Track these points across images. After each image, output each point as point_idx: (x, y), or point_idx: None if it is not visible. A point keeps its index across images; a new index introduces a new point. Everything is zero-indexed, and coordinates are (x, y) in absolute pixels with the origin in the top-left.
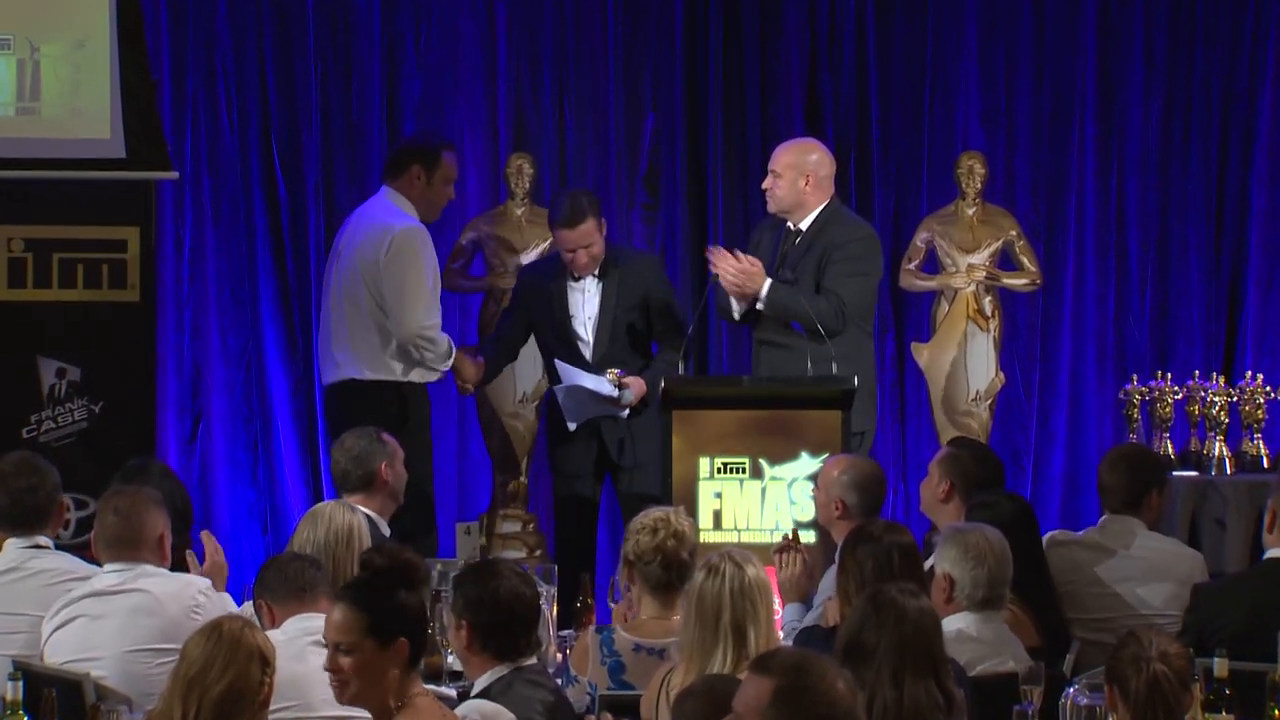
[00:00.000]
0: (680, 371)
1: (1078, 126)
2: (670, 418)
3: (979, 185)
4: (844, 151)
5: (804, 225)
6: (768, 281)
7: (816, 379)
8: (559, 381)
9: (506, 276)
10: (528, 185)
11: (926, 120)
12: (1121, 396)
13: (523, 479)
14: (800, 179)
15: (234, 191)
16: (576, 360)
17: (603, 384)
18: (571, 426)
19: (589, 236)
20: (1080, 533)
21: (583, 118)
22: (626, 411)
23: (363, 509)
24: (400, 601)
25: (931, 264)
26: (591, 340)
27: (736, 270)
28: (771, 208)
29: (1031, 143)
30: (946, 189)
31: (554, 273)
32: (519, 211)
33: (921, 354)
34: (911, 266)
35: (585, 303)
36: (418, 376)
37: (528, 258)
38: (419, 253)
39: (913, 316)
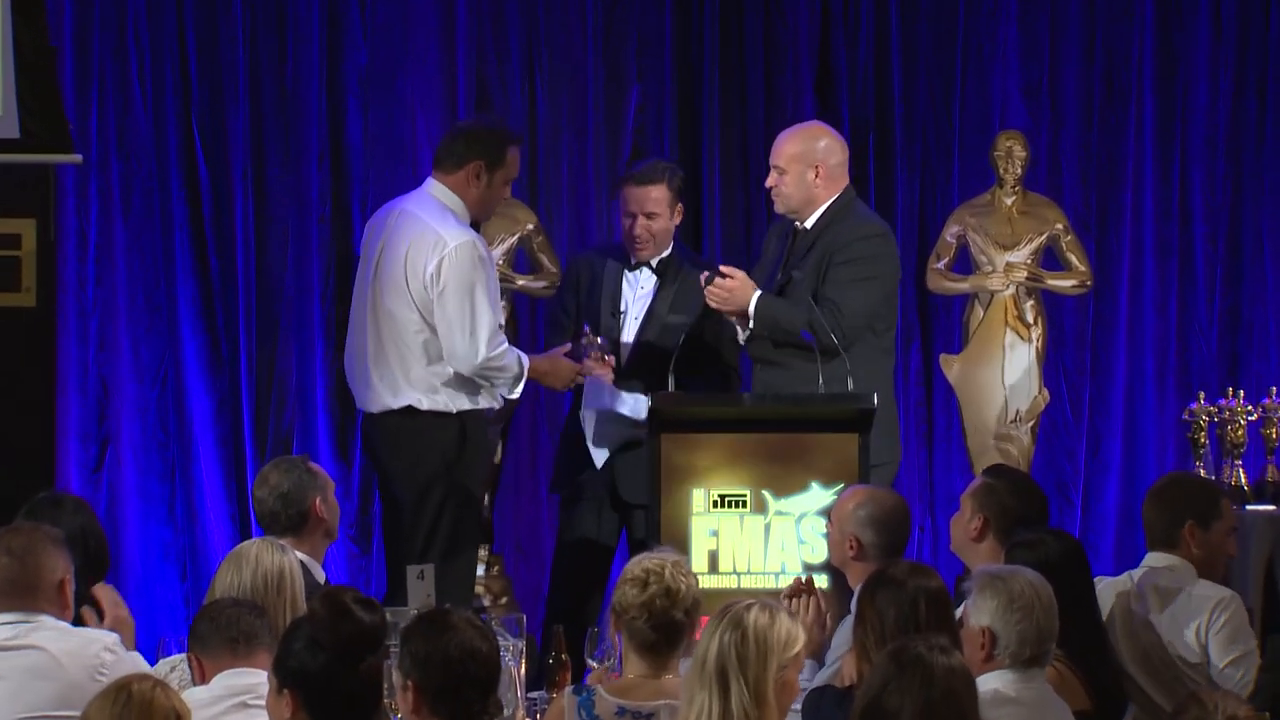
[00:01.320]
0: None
1: (1134, 103)
2: (657, 442)
3: (1019, 171)
4: (861, 133)
5: (809, 223)
6: (756, 293)
7: (830, 397)
8: (588, 398)
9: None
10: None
11: (958, 95)
12: (1186, 418)
13: (486, 513)
14: (808, 172)
15: (148, 178)
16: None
17: (640, 405)
18: (599, 459)
19: (656, 204)
20: (1117, 577)
21: (555, 92)
22: None
23: (295, 552)
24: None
25: (964, 263)
26: (633, 340)
27: (718, 284)
28: (779, 208)
29: (1081, 122)
30: (981, 175)
31: (612, 255)
32: None
33: (952, 368)
34: (940, 266)
35: (636, 299)
36: (484, 401)
37: (493, 254)
38: (479, 272)
39: (941, 324)
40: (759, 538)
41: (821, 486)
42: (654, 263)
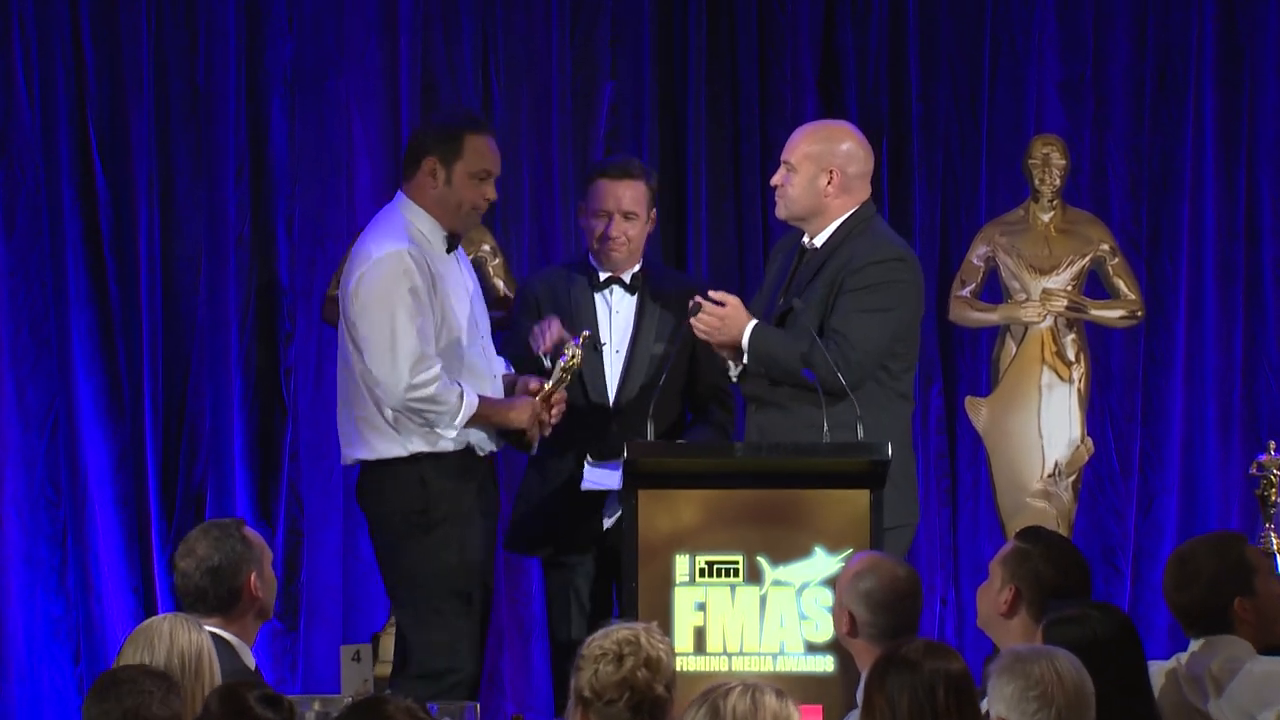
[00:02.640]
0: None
1: (1193, 102)
2: (634, 500)
3: (1058, 182)
4: (873, 136)
5: (820, 240)
6: (750, 324)
7: (837, 447)
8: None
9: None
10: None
11: (986, 93)
12: (1253, 472)
13: None
14: (821, 176)
15: (34, 190)
16: (593, 413)
17: None
18: (609, 521)
19: (634, 203)
20: (1165, 661)
21: (514, 89)
22: None
23: (222, 633)
24: None
25: (993, 290)
26: (618, 378)
27: (707, 310)
28: (781, 212)
29: (1130, 124)
30: (1014, 187)
31: (574, 273)
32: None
33: (979, 413)
34: (966, 293)
35: (614, 322)
36: (447, 445)
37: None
38: (390, 289)
39: (967, 362)
40: (753, 612)
41: (827, 552)
42: (627, 278)
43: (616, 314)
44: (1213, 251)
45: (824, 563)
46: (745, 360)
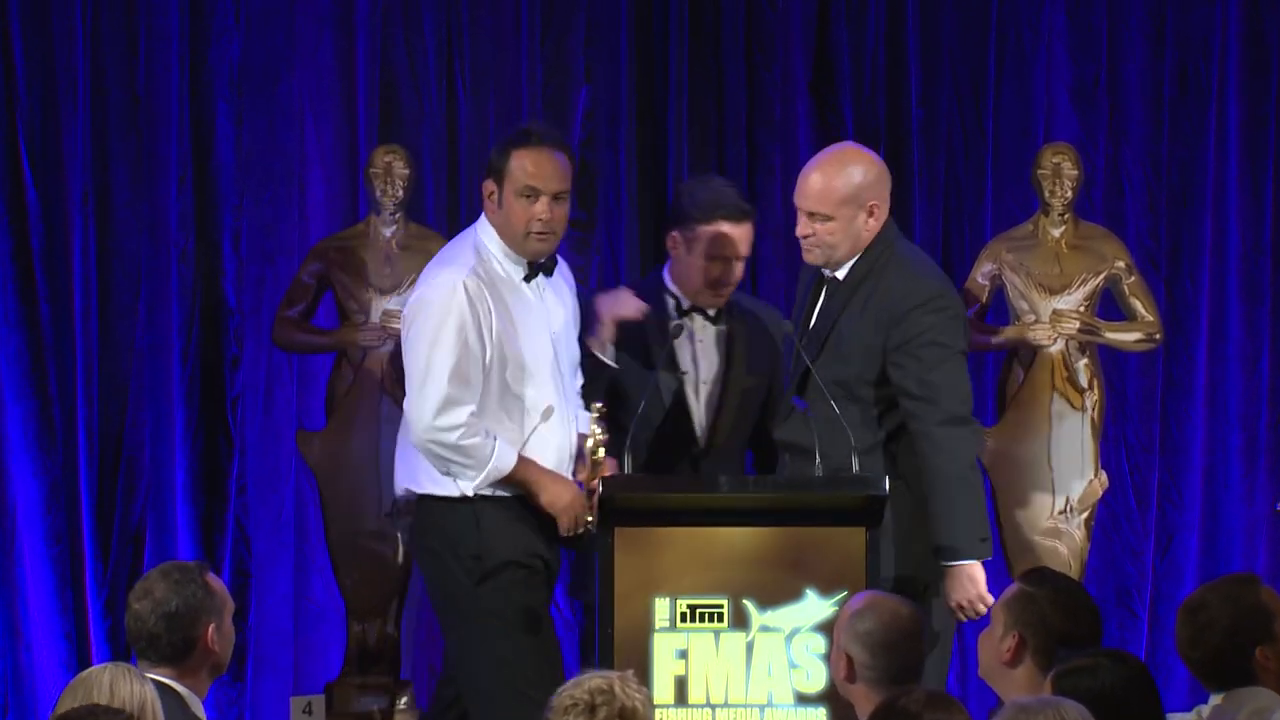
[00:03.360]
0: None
1: (1216, 108)
2: (610, 539)
3: (1069, 194)
4: (869, 143)
5: (842, 273)
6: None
7: (830, 480)
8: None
9: (367, 328)
10: (400, 193)
11: (991, 97)
12: None
13: (390, 629)
14: (860, 215)
15: None
16: (680, 449)
17: None
18: None
19: (749, 245)
20: (1186, 714)
21: (482, 94)
22: None
23: (173, 684)
24: None
25: (999, 311)
26: (705, 425)
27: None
28: (817, 260)
29: (1147, 131)
30: (1022, 199)
31: (661, 302)
32: (387, 232)
33: (985, 444)
34: (970, 315)
35: (700, 353)
36: (502, 489)
37: (400, 300)
38: (437, 321)
39: (972, 389)
40: (739, 660)
41: (819, 595)
42: (711, 310)
43: (700, 340)
44: (1237, 269)
45: (816, 607)
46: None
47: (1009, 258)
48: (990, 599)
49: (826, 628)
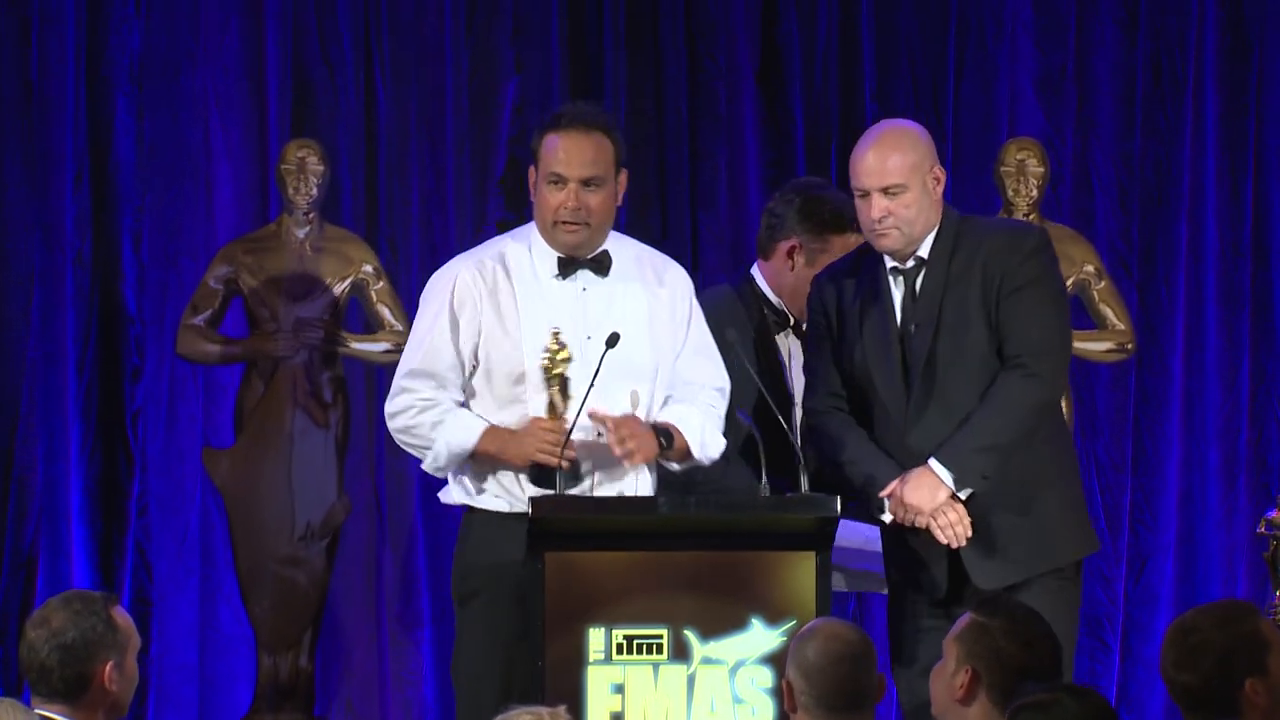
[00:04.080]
0: None
1: (1192, 101)
2: (540, 563)
3: (1035, 193)
4: (819, 140)
5: (925, 250)
6: (941, 477)
7: (777, 502)
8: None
9: (280, 337)
10: (314, 191)
11: (951, 89)
12: (1262, 531)
13: (304, 662)
14: (929, 180)
15: None
16: (777, 465)
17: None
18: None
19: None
20: None
21: (402, 86)
22: None
23: None
24: None
25: None
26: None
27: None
28: (894, 244)
29: (1119, 125)
30: (984, 198)
31: (756, 317)
32: (301, 233)
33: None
34: None
35: (794, 384)
36: (487, 501)
37: (316, 305)
38: (424, 303)
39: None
40: (679, 695)
41: (765, 624)
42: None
43: (795, 360)
44: (1215, 273)
45: (762, 637)
46: (971, 487)
47: None
48: (925, 516)
49: (774, 660)
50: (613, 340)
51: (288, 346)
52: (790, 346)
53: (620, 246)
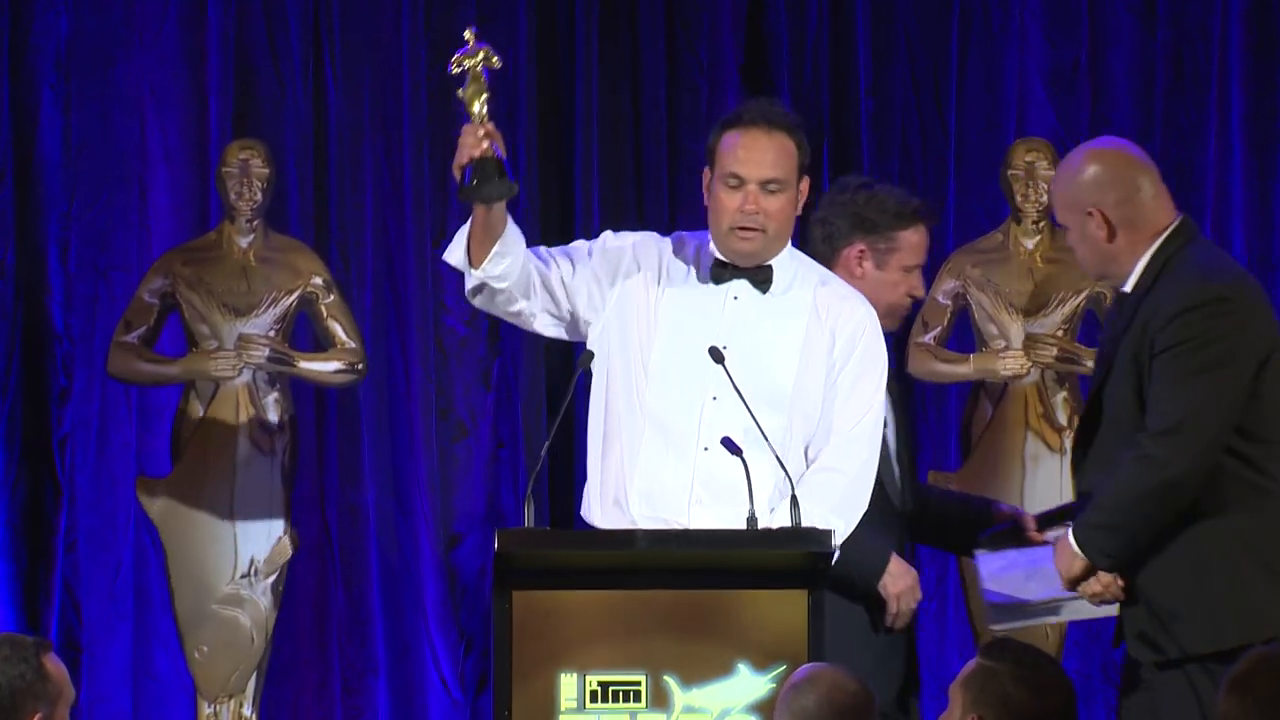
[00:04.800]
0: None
1: (1216, 95)
2: (506, 603)
3: (1045, 200)
4: (810, 138)
5: (1129, 285)
6: (1071, 544)
7: (765, 536)
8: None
9: (221, 356)
10: (258, 197)
11: (954, 85)
12: None
13: (248, 711)
14: (1088, 223)
15: None
16: (884, 518)
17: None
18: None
19: None
20: None
21: (354, 81)
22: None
23: None
24: None
25: (963, 335)
26: (898, 485)
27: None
28: (1092, 275)
29: (1137, 126)
30: (990, 204)
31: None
32: (244, 242)
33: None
34: (929, 339)
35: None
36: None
37: (261, 321)
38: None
39: (931, 427)
40: None
41: (753, 670)
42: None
43: None
44: None
45: (749, 684)
46: (1096, 564)
47: (974, 273)
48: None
49: (762, 708)
50: (715, 354)
51: (229, 366)
52: None
53: (797, 265)
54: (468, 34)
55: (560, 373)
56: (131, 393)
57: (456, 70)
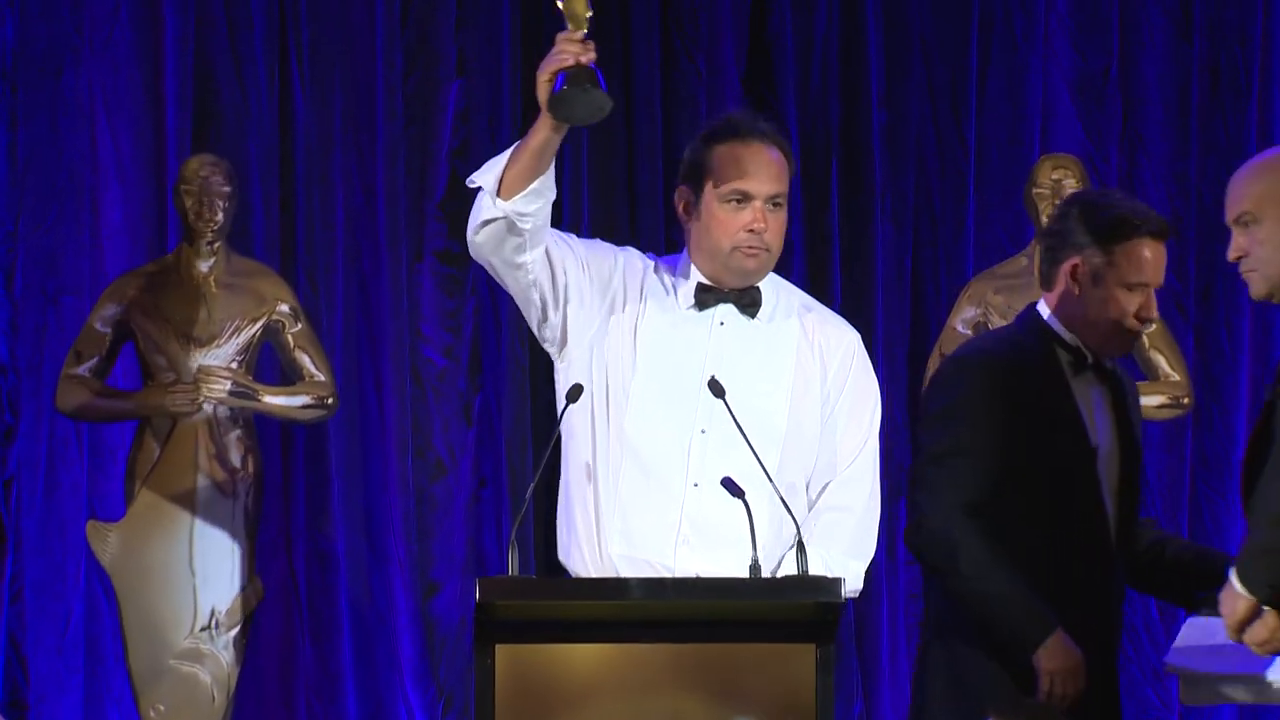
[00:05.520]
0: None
1: (1257, 111)
2: (489, 658)
3: None
4: (817, 156)
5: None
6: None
7: (770, 585)
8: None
9: (179, 390)
10: (219, 217)
11: (973, 96)
12: None
13: None
14: None
15: None
16: (1090, 560)
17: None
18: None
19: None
20: None
21: (325, 86)
22: None
23: None
24: None
25: None
26: (1114, 520)
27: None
28: (1259, 290)
29: (1173, 142)
30: (1012, 225)
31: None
32: (204, 266)
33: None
34: None
35: (1103, 435)
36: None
37: (223, 351)
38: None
39: None
40: None
41: None
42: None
43: (1099, 407)
44: None
45: None
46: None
47: (997, 300)
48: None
49: None
50: (715, 388)
51: (188, 401)
52: (1092, 393)
53: (779, 289)
54: None
55: (546, 406)
56: (82, 430)
57: None
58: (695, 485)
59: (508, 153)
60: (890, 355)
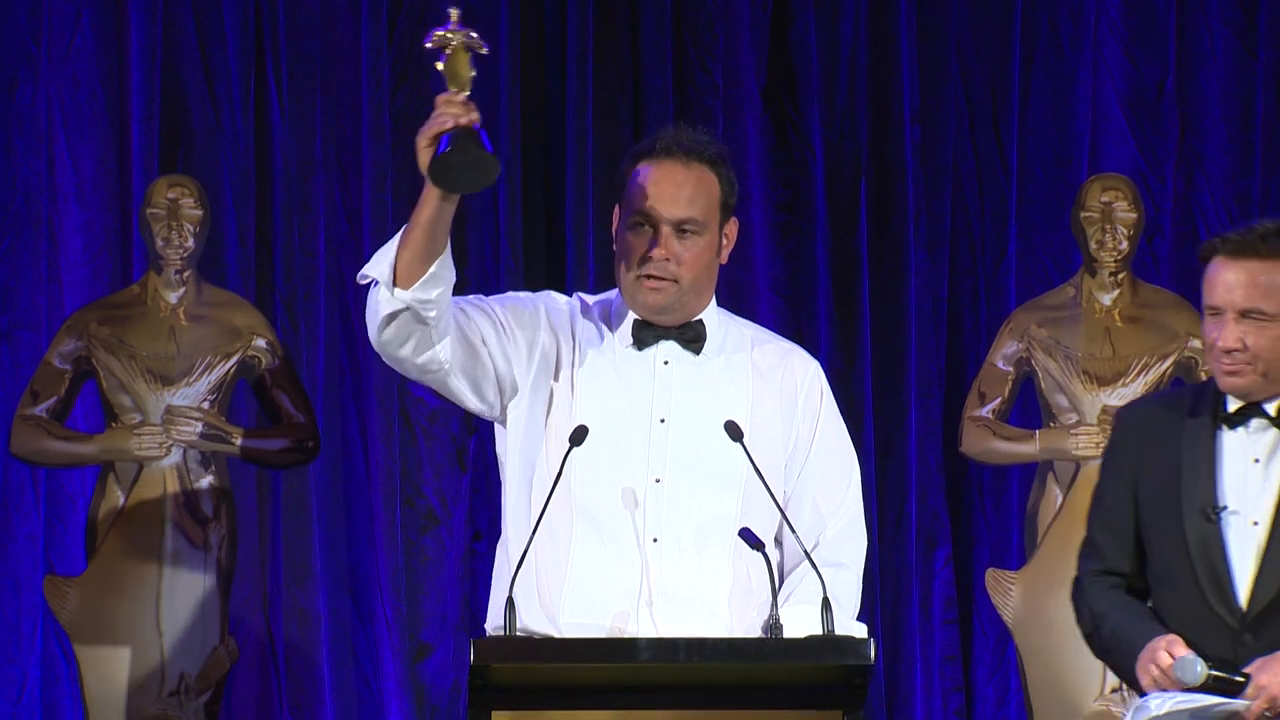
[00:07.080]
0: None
1: None
2: None
3: (1124, 246)
4: (844, 178)
5: (1273, 406)
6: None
7: (792, 646)
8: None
9: (145, 433)
10: (190, 243)
11: (1016, 109)
12: None
13: None
14: None
15: None
16: (1203, 625)
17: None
18: None
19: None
20: None
21: (305, 100)
22: None
23: None
24: None
25: (1027, 408)
26: (1250, 581)
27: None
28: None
29: (1234, 161)
30: (1058, 253)
31: (1195, 409)
32: (172, 296)
33: (1007, 594)
34: (986, 413)
35: (1248, 493)
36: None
37: (193, 390)
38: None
39: (989, 517)
40: None
41: None
42: (1271, 409)
43: (1244, 461)
44: None
45: None
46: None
47: (1041, 334)
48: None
49: None
50: (733, 431)
51: (156, 444)
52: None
53: (726, 322)
54: (453, 11)
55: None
56: (39, 476)
57: (434, 45)
58: (655, 540)
59: (397, 237)
60: (925, 397)
